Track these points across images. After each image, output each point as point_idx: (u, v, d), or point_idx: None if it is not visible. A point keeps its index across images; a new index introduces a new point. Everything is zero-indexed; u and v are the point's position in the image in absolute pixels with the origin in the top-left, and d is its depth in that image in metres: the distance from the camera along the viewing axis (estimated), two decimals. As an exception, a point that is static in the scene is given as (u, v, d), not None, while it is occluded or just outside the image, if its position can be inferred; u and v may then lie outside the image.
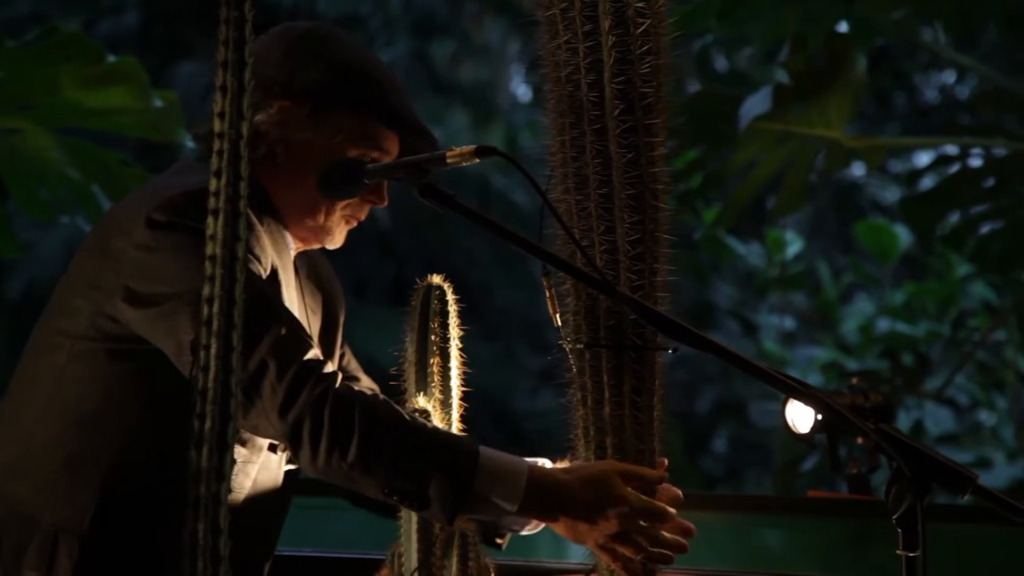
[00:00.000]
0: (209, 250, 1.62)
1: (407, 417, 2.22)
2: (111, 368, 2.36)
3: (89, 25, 7.76)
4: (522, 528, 2.35)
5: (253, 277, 2.24)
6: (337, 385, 2.21)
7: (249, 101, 2.30)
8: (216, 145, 1.65)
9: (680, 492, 2.39)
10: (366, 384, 2.64)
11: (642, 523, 2.29)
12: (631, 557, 2.31)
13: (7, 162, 4.12)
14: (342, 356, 2.68)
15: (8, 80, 3.98)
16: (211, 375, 1.58)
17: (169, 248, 2.31)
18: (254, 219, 2.33)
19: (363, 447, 2.19)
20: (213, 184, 1.65)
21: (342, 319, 2.65)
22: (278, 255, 2.40)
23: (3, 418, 2.46)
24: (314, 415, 2.20)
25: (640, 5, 2.33)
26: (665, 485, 2.36)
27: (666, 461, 2.38)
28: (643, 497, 2.29)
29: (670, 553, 2.32)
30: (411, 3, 8.83)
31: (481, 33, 9.47)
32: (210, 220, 1.63)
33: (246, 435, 2.38)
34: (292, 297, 2.47)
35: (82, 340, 2.38)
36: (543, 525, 2.36)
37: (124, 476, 2.33)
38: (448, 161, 2.22)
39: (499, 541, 2.36)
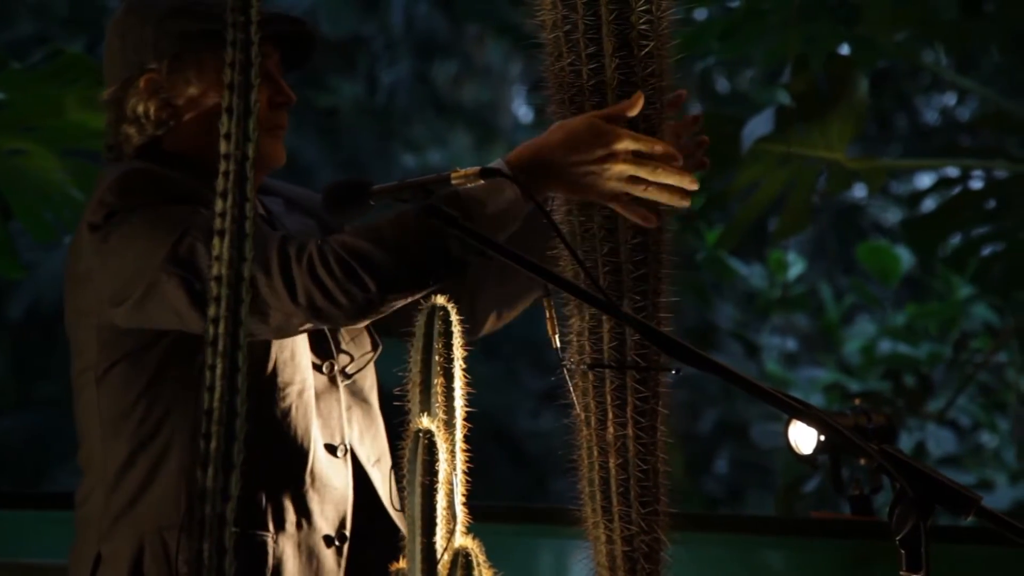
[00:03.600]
0: (215, 271, 1.63)
1: (373, 224, 2.27)
2: (141, 373, 2.40)
3: (92, 47, 7.78)
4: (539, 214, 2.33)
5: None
6: (311, 245, 2.26)
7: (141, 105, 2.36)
8: (222, 166, 1.67)
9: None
10: None
11: (643, 150, 2.29)
12: (647, 199, 2.30)
13: (11, 183, 4.13)
14: None
15: (13, 102, 4.00)
16: (216, 394, 1.59)
17: (118, 239, 2.35)
18: (206, 192, 2.36)
19: (369, 270, 2.24)
20: (219, 205, 1.66)
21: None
22: None
23: (83, 470, 2.50)
24: (316, 283, 2.24)
25: (643, 28, 2.34)
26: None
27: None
28: (632, 132, 2.29)
29: (679, 183, 2.32)
30: (413, 24, 8.84)
31: (483, 54, 9.49)
32: (216, 241, 1.64)
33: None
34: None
35: (101, 366, 2.42)
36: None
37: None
38: (453, 182, 2.24)
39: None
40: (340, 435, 2.49)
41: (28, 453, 7.86)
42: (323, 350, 2.51)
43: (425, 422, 2.28)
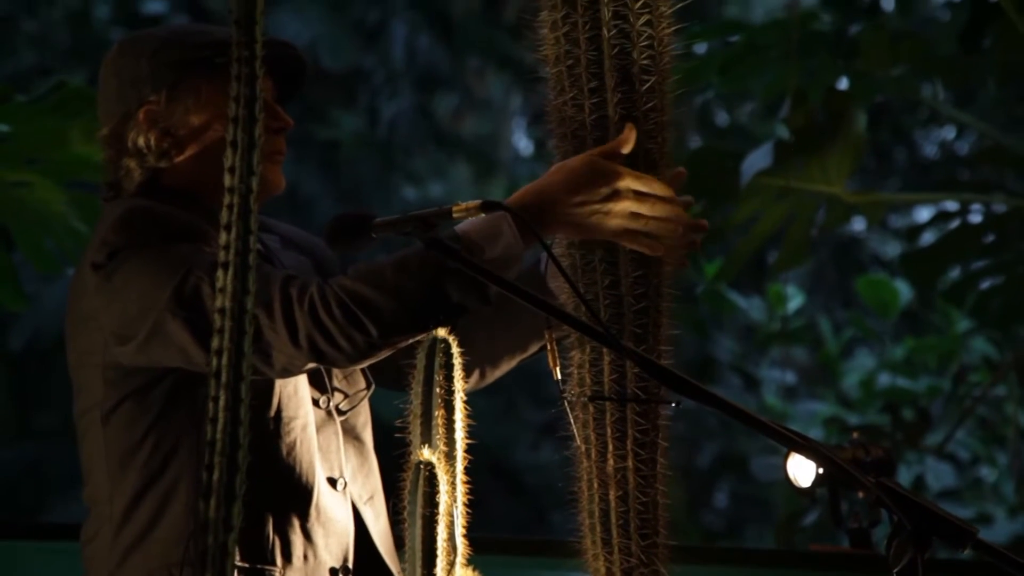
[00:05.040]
0: (219, 303, 1.64)
1: (374, 266, 2.27)
2: (147, 411, 2.41)
3: (94, 79, 7.79)
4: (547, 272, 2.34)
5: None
6: (313, 287, 2.27)
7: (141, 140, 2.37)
8: (226, 199, 1.68)
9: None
10: None
11: (643, 189, 2.30)
12: (650, 233, 2.32)
13: (14, 214, 4.15)
14: None
15: (17, 134, 4.02)
16: (220, 426, 1.60)
17: (122, 278, 2.35)
18: (207, 228, 2.36)
19: (370, 314, 2.24)
20: (223, 238, 1.67)
21: (335, 260, 2.66)
22: None
23: (89, 507, 2.50)
24: (318, 326, 2.25)
25: (645, 63, 2.36)
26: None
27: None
28: (631, 170, 2.31)
29: (678, 225, 2.33)
30: (414, 58, 8.88)
31: (484, 87, 9.52)
32: (220, 273, 1.65)
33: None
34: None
35: (106, 404, 2.42)
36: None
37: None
38: (454, 215, 2.25)
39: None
40: (339, 469, 2.50)
41: (27, 484, 7.85)
42: (320, 385, 2.51)
43: (426, 454, 2.29)
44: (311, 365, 2.33)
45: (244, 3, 1.65)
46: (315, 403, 2.49)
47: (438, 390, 2.30)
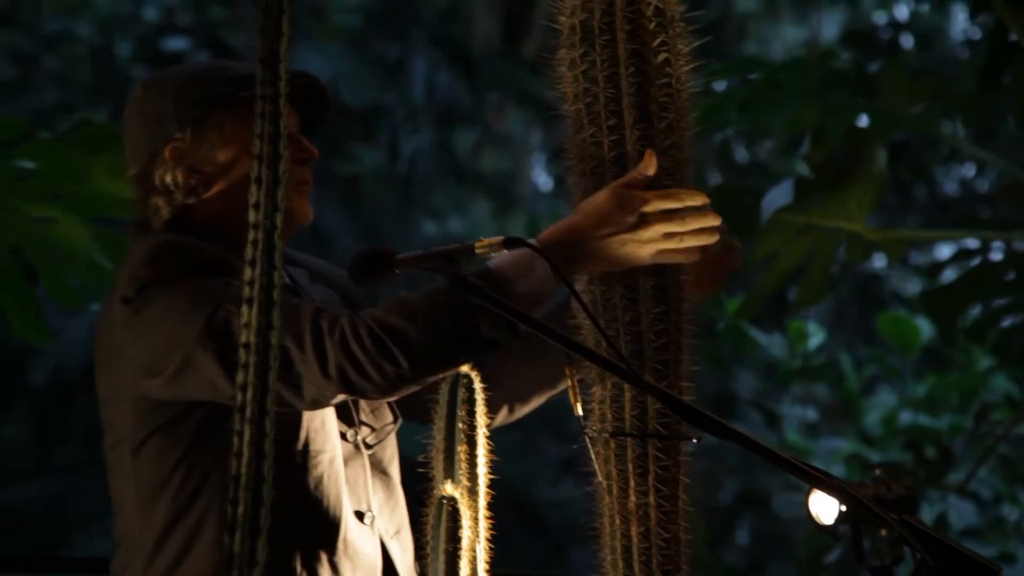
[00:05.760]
0: (243, 338, 1.65)
1: (405, 299, 2.28)
2: (177, 444, 2.42)
3: (116, 115, 7.84)
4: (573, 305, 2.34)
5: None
6: (344, 319, 2.27)
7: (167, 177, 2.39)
8: (251, 235, 1.69)
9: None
10: None
11: (673, 206, 2.30)
12: (686, 248, 2.32)
13: (38, 250, 4.16)
14: None
15: (41, 171, 4.04)
16: (244, 460, 1.61)
17: (151, 312, 2.37)
18: (236, 262, 2.37)
19: (401, 346, 2.25)
20: (248, 273, 1.69)
21: (362, 294, 2.67)
22: None
23: (119, 543, 2.50)
24: (348, 357, 2.25)
25: (663, 100, 2.37)
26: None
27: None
28: (655, 191, 2.31)
29: (707, 224, 2.33)
30: (434, 93, 8.91)
31: (503, 123, 9.55)
32: (244, 309, 1.66)
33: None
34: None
35: (136, 437, 2.43)
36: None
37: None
38: (476, 252, 2.26)
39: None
40: (367, 502, 2.51)
41: (49, 518, 7.86)
42: (347, 418, 2.52)
43: (449, 489, 2.29)
44: (341, 397, 2.34)
45: (268, 41, 1.66)
46: (343, 436, 2.50)
47: (461, 425, 2.31)
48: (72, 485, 7.62)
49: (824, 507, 3.30)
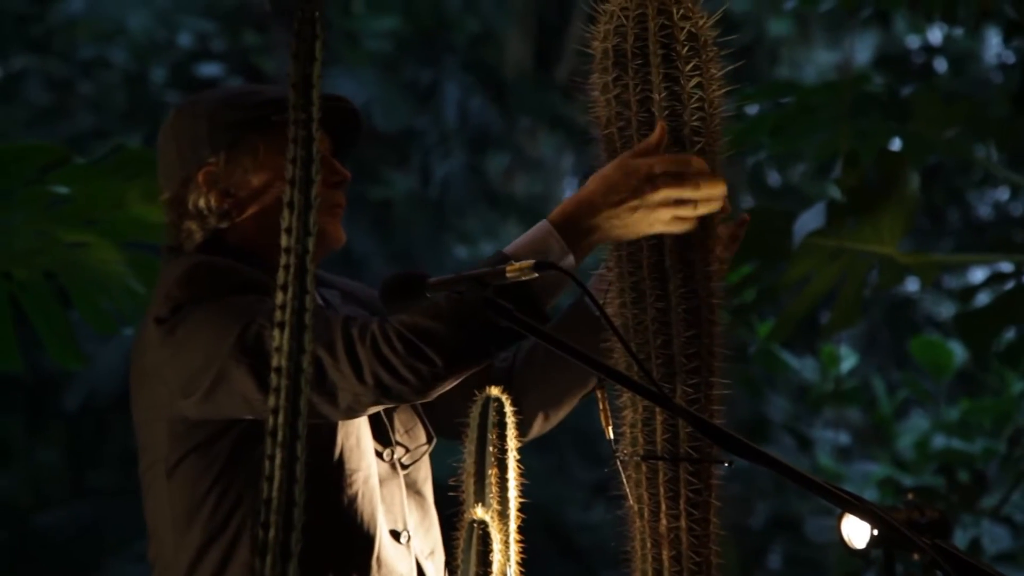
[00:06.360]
0: (275, 362, 1.65)
1: (429, 302, 2.29)
2: (212, 464, 2.42)
3: (150, 140, 7.89)
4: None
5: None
6: (374, 325, 2.28)
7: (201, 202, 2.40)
8: (283, 260, 1.70)
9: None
10: None
11: (680, 170, 2.29)
12: (697, 215, 2.31)
13: (72, 275, 4.19)
14: None
15: (76, 196, 4.06)
16: (276, 484, 1.61)
17: (185, 331, 2.38)
18: (270, 281, 2.39)
19: (432, 344, 2.26)
20: (279, 297, 1.69)
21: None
22: None
23: (153, 566, 2.51)
24: (381, 361, 2.26)
25: (696, 124, 2.38)
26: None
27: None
28: (663, 156, 2.30)
29: (719, 191, 2.32)
30: (467, 118, 8.93)
31: (535, 147, 9.56)
32: (276, 332, 1.67)
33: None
34: None
35: (172, 458, 2.44)
36: None
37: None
38: (508, 275, 2.26)
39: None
40: (403, 521, 2.51)
41: (81, 543, 7.89)
42: (383, 437, 2.53)
43: (479, 513, 2.29)
44: (377, 403, 2.34)
45: (301, 66, 1.67)
46: (379, 456, 2.51)
47: (491, 448, 2.31)
48: (105, 510, 7.64)
49: (856, 531, 3.29)
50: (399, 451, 2.54)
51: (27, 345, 4.36)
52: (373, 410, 2.40)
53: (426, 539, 2.55)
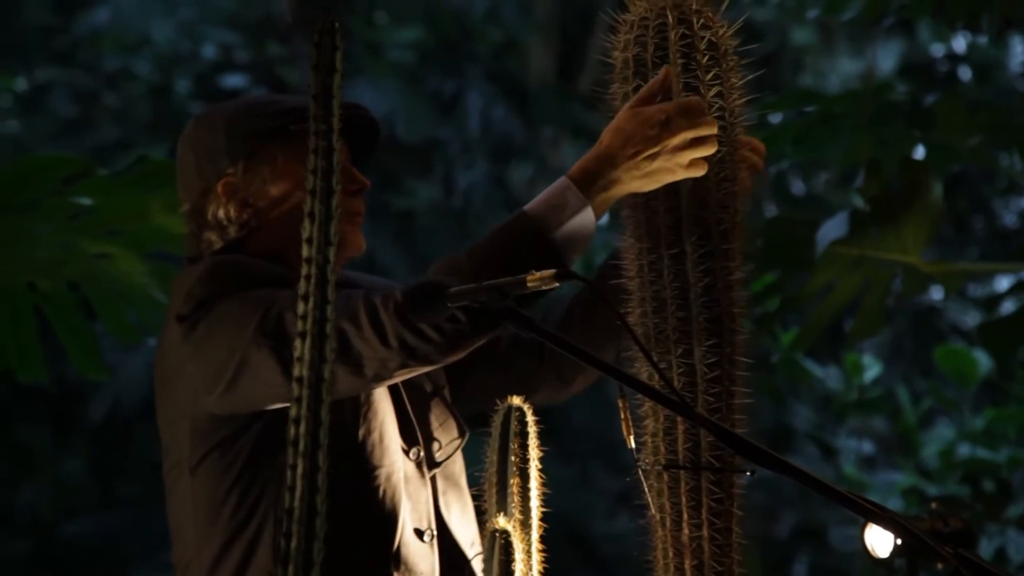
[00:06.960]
0: (296, 372, 1.66)
1: (448, 259, 2.29)
2: (234, 461, 2.43)
3: (175, 151, 7.89)
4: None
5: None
6: (396, 290, 2.28)
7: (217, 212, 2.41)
8: (304, 270, 1.71)
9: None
10: None
11: (692, 108, 2.28)
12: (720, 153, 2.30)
13: (95, 286, 4.20)
14: None
15: (99, 207, 4.08)
16: (297, 494, 1.62)
17: (206, 326, 2.38)
18: (292, 276, 2.39)
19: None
20: (301, 307, 1.70)
21: None
22: None
23: (176, 566, 2.52)
24: (405, 324, 2.26)
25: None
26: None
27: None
28: (672, 101, 2.29)
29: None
30: (489, 128, 8.94)
31: (558, 157, 9.56)
32: (298, 343, 1.67)
33: None
34: None
35: (194, 456, 2.45)
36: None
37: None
38: (529, 285, 2.26)
39: None
40: (428, 520, 2.51)
41: (106, 552, 7.91)
42: (410, 436, 2.52)
43: (501, 522, 2.29)
44: (405, 368, 2.33)
45: (321, 77, 1.68)
46: (404, 454, 2.51)
47: (513, 458, 2.31)
48: (129, 520, 7.65)
49: (879, 541, 3.28)
50: (433, 446, 2.54)
51: (51, 356, 4.37)
52: (401, 375, 2.37)
53: (466, 530, 2.54)
